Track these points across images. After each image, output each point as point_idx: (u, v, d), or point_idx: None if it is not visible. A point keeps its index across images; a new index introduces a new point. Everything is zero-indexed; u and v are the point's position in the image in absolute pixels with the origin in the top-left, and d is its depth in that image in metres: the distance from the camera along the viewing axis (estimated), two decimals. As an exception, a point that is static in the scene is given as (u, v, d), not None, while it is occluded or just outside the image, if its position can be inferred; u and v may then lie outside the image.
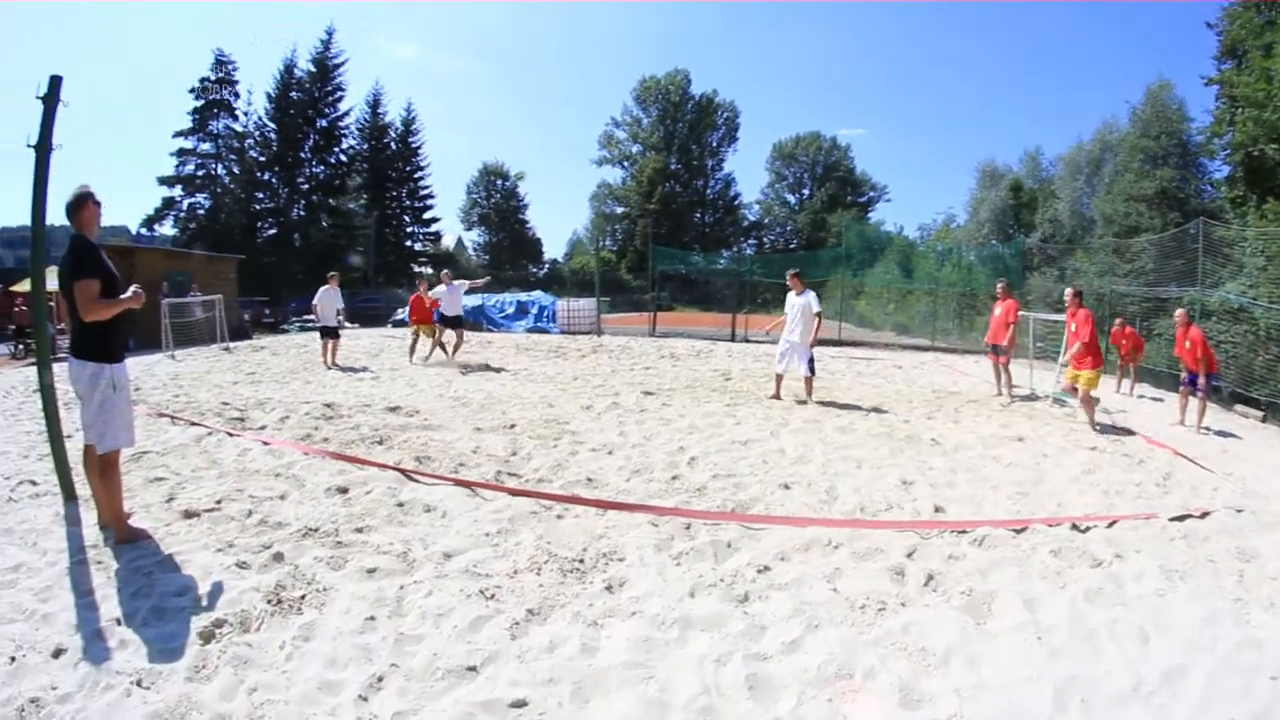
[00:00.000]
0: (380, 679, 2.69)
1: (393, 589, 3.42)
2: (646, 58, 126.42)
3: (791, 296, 9.16)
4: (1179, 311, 9.29)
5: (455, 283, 13.57)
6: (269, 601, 3.25)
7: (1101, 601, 3.47)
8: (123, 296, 3.93)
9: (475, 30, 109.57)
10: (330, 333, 12.91)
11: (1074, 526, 4.49)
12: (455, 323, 13.36)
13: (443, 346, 13.29)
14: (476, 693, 2.63)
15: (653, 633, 3.02)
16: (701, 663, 2.82)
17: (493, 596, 3.36)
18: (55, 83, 4.47)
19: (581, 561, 3.77)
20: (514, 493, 4.91)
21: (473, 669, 2.77)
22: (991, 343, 10.42)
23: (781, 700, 2.64)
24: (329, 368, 12.32)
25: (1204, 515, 4.86)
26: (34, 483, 5.09)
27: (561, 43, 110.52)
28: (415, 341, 13.33)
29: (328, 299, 13.11)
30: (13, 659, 2.76)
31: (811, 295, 9.01)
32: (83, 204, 3.89)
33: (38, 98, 4.42)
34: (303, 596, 3.33)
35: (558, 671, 2.75)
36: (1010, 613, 3.31)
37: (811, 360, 9.10)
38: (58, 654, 2.82)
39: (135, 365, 12.76)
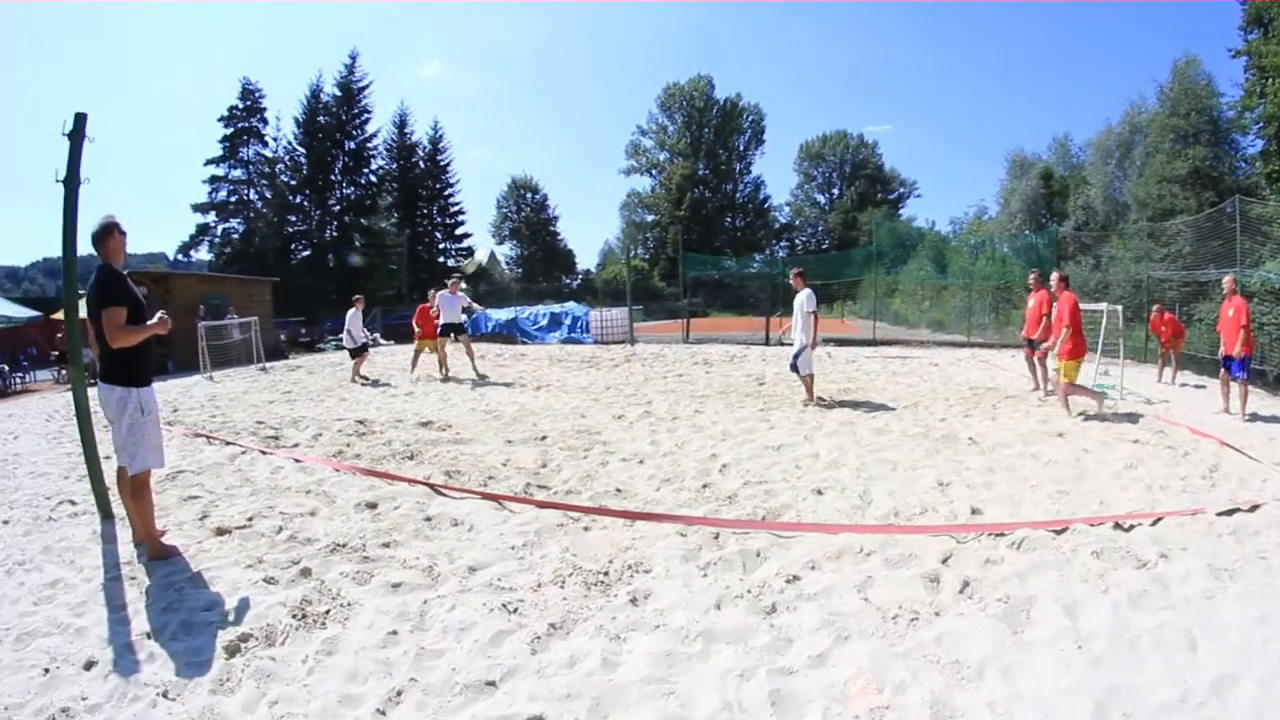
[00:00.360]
0: (399, 693, 2.70)
1: (416, 603, 3.42)
2: (669, 65, 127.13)
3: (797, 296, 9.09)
4: (1227, 278, 8.85)
5: (458, 293, 13.16)
6: (294, 616, 3.29)
7: (1146, 605, 3.28)
8: (149, 323, 4.06)
9: (496, 46, 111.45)
10: (359, 351, 13.27)
11: (1117, 525, 4.28)
12: (457, 330, 12.87)
13: (442, 362, 12.91)
14: (494, 708, 2.60)
15: (675, 646, 2.94)
16: (724, 677, 2.73)
17: (515, 610, 3.33)
18: (80, 120, 4.65)
19: (606, 574, 3.71)
20: (541, 505, 4.88)
21: (491, 684, 2.75)
22: (1028, 337, 10.15)
23: (805, 717, 2.54)
24: (363, 382, 12.60)
25: (1253, 508, 4.59)
26: (73, 502, 5.30)
27: (583, 54, 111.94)
28: (417, 357, 13.36)
29: (355, 321, 13.41)
30: (46, 670, 2.88)
31: (806, 293, 8.88)
32: (108, 234, 4.01)
33: (64, 135, 4.60)
34: (327, 611, 3.36)
35: (576, 687, 2.69)
36: (1049, 620, 3.15)
37: (800, 356, 8.87)
38: (89, 666, 2.92)
39: (174, 387, 13.16)
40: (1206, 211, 17.25)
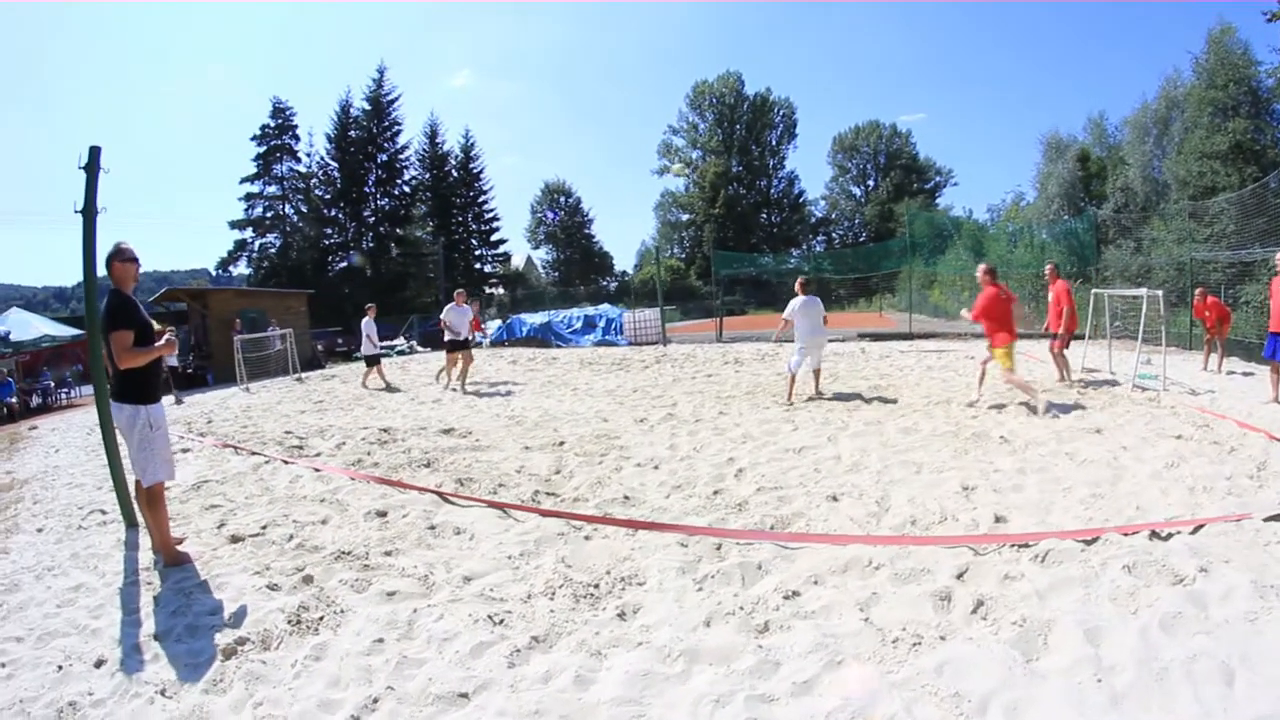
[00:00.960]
0: (376, 701, 2.75)
1: (406, 612, 3.43)
2: (697, 62, 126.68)
3: None
4: (1279, 254, 8.27)
5: (465, 305, 12.57)
6: (290, 622, 3.39)
7: (1180, 630, 2.93)
8: (156, 345, 4.23)
9: (524, 52, 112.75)
10: (374, 360, 13.76)
11: (1153, 534, 3.91)
12: (461, 345, 12.40)
13: (448, 372, 12.82)
14: None
15: (655, 666, 2.83)
16: (699, 703, 2.60)
17: (501, 622, 3.29)
18: (95, 152, 4.90)
19: (597, 586, 3.63)
20: (544, 514, 4.82)
21: (464, 696, 2.74)
22: (1050, 329, 9.99)
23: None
24: (381, 388, 13.05)
25: None
26: (103, 512, 5.57)
27: (612, 56, 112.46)
28: (459, 365, 12.96)
29: (369, 329, 13.74)
30: (59, 667, 3.11)
31: (800, 299, 9.01)
32: (111, 261, 4.21)
33: (80, 168, 4.82)
34: (321, 618, 3.43)
35: (546, 704, 2.63)
36: (1068, 646, 2.85)
37: (793, 359, 9.12)
38: (99, 664, 3.15)
39: (211, 399, 13.54)
40: (1250, 187, 16.34)
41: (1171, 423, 6.90)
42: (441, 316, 12.59)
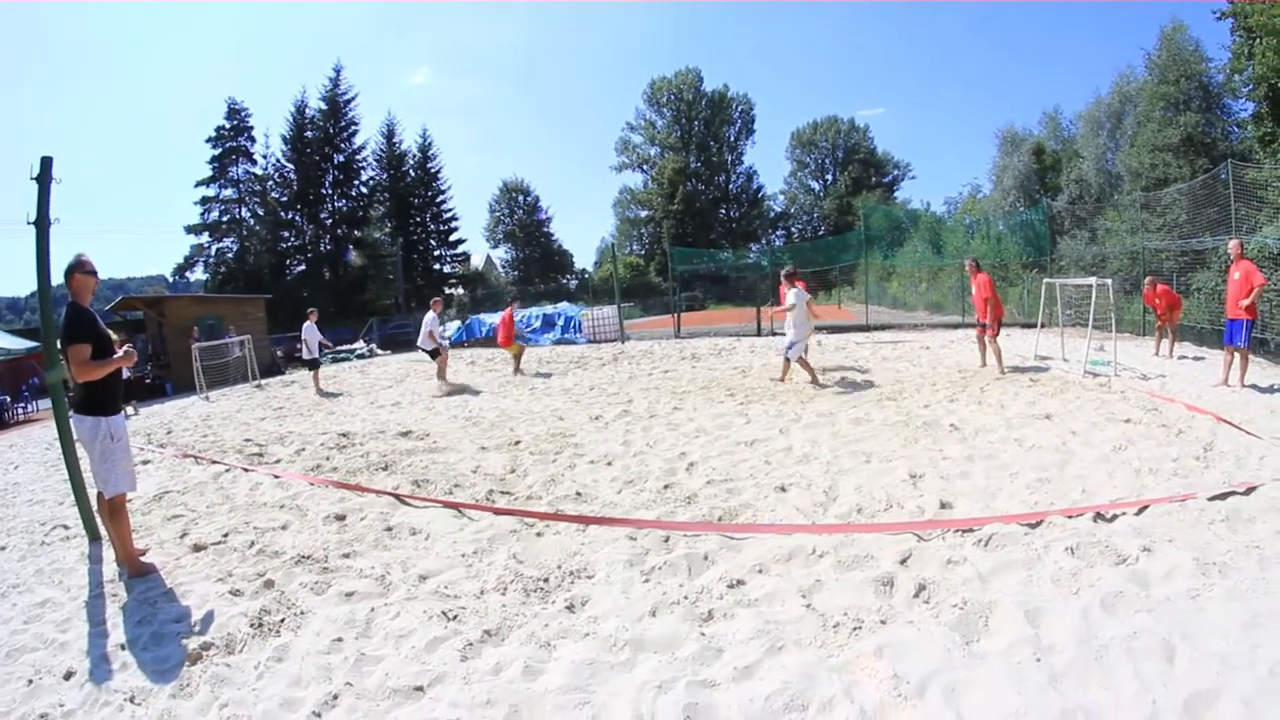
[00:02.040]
0: (335, 697, 2.84)
1: (364, 611, 3.52)
2: (656, 60, 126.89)
3: None
4: (1233, 242, 8.52)
5: (439, 311, 13.36)
6: (252, 625, 3.46)
7: (1121, 609, 3.00)
8: (114, 357, 4.23)
9: (482, 50, 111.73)
10: (314, 364, 14.02)
11: (1098, 516, 4.03)
12: (433, 353, 13.03)
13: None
14: (418, 713, 2.70)
15: (600, 655, 2.95)
16: (642, 689, 2.70)
17: (455, 617, 3.39)
18: (46, 163, 4.85)
19: (547, 580, 3.74)
20: (497, 512, 4.92)
21: (419, 689, 2.84)
22: (980, 320, 10.48)
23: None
24: (322, 395, 13.20)
25: (1249, 490, 4.32)
26: (66, 527, 5.52)
27: (571, 54, 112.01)
28: (517, 362, 14.04)
29: (311, 334, 13.87)
30: (30, 681, 3.16)
31: (795, 291, 9.65)
32: (70, 274, 4.21)
33: (32, 179, 4.77)
34: (282, 620, 3.50)
35: (497, 694, 2.73)
36: (1008, 628, 2.91)
37: (790, 347, 9.82)
38: (68, 676, 3.19)
39: (170, 409, 13.25)
40: (1200, 178, 16.99)
41: (1121, 407, 7.16)
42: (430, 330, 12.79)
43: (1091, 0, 69.09)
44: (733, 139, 63.49)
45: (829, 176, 64.72)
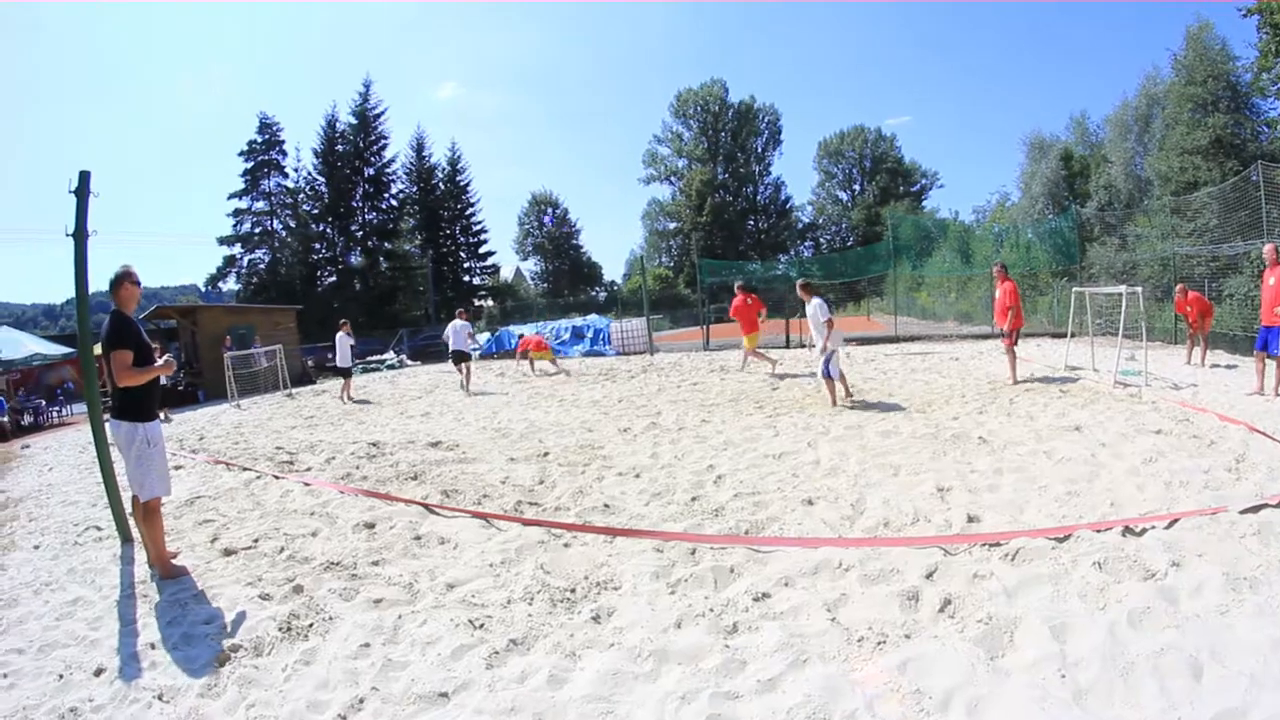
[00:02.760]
0: (361, 701, 2.87)
1: (391, 618, 3.56)
2: (682, 71, 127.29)
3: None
4: (1268, 246, 8.20)
5: (462, 323, 14.48)
6: (281, 629, 3.52)
7: (1148, 625, 2.93)
8: (154, 365, 4.37)
9: (509, 64, 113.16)
10: (346, 372, 14.53)
11: (1126, 530, 3.93)
12: (460, 357, 14.28)
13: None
14: (443, 718, 2.72)
15: (625, 665, 2.94)
16: (665, 700, 2.70)
17: (481, 626, 3.41)
18: (84, 177, 5.00)
19: (573, 591, 3.75)
20: (526, 523, 4.94)
21: (444, 695, 2.86)
22: (998, 327, 10.28)
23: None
24: (345, 402, 13.72)
25: None
26: (99, 528, 5.68)
27: (597, 66, 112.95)
28: (750, 352, 14.07)
29: (343, 344, 14.39)
30: (60, 676, 3.24)
31: (816, 302, 9.03)
32: (119, 284, 4.36)
33: (70, 192, 4.91)
34: (310, 625, 3.56)
35: (521, 701, 2.75)
36: (1033, 643, 2.87)
37: (828, 363, 8.96)
38: (99, 673, 3.26)
39: (203, 415, 13.57)
40: (1230, 181, 16.57)
41: (1152, 418, 6.98)
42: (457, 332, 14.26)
43: (1115, 0, 67.98)
44: (760, 150, 63.58)
45: (857, 186, 64.42)
